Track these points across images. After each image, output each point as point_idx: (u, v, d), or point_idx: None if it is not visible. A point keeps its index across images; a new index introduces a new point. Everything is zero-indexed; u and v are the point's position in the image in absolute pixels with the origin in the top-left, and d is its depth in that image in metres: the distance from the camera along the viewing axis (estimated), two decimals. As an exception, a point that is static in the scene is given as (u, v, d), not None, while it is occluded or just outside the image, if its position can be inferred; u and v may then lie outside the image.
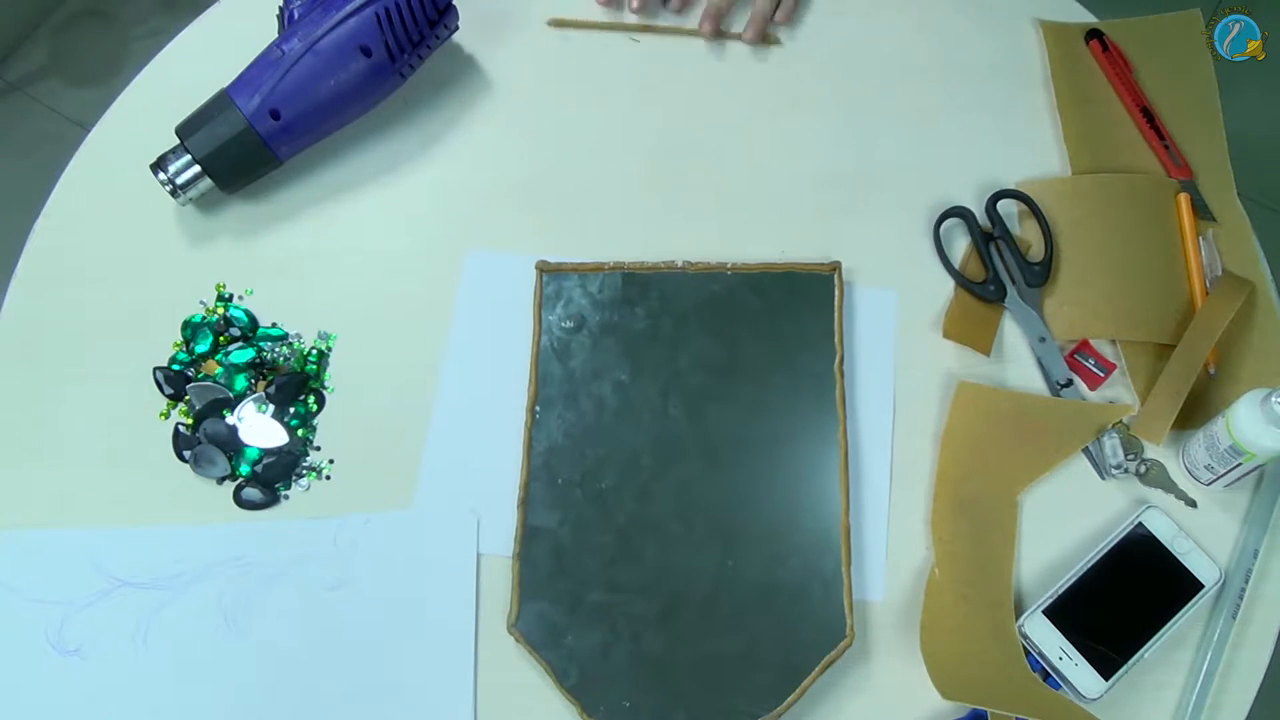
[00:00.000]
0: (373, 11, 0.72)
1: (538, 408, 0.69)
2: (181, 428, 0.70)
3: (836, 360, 0.70)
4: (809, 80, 0.83)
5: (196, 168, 0.73)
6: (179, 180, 0.73)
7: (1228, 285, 0.73)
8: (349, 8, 0.72)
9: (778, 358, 0.70)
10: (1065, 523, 0.68)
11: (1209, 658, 0.63)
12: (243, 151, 0.73)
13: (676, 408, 0.69)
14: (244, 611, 0.65)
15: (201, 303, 0.74)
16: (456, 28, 0.79)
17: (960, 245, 0.77)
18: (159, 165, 0.73)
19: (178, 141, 0.73)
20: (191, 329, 0.73)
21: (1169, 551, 0.66)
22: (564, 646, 0.63)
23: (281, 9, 0.76)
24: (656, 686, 0.62)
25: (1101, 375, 0.72)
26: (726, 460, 0.68)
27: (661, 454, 0.68)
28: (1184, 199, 0.76)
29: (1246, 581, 0.65)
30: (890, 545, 0.67)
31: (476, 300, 0.74)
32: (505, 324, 0.72)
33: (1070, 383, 0.71)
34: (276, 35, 0.74)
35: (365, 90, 0.75)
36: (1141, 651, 0.62)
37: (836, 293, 0.72)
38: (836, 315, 0.71)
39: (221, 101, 0.72)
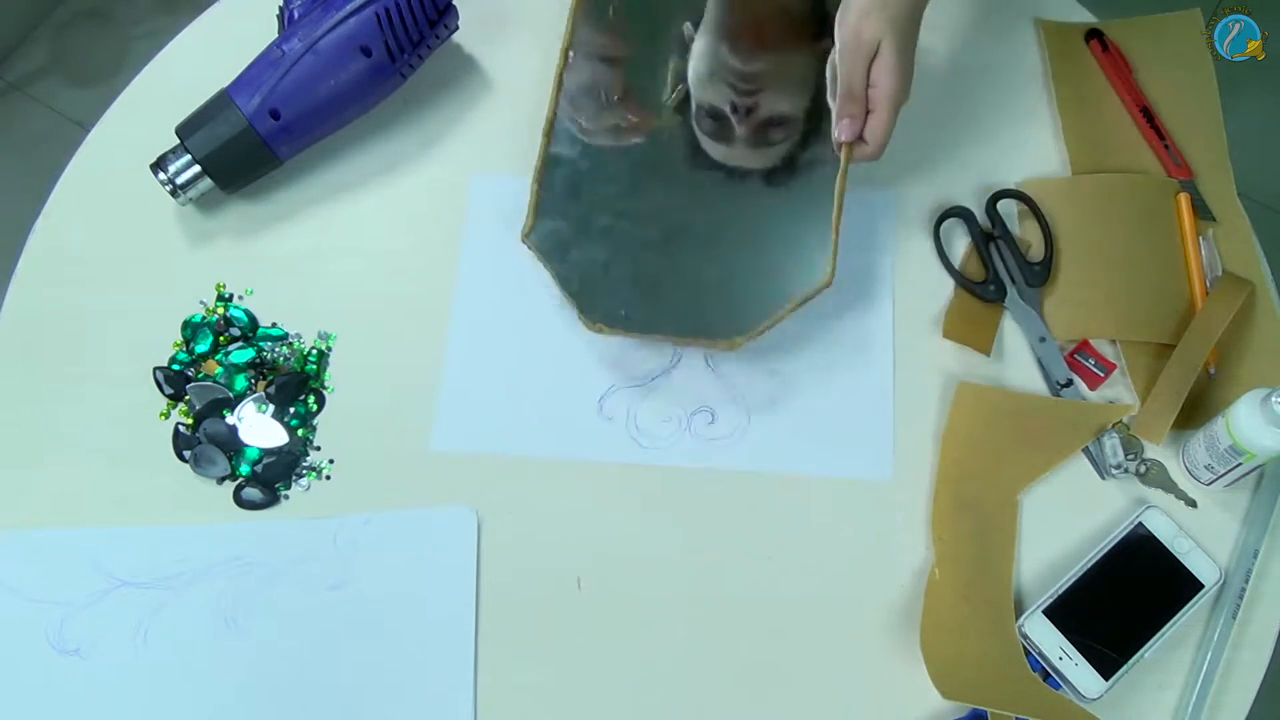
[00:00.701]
0: (373, 11, 0.72)
1: (571, 51, 0.74)
2: (181, 428, 0.70)
3: None
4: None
5: (196, 168, 0.72)
6: (179, 180, 0.73)
7: (1228, 285, 0.73)
8: (349, 7, 0.72)
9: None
10: (1065, 523, 0.68)
11: (1209, 658, 0.63)
12: (243, 151, 0.73)
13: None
14: (244, 611, 0.65)
15: (201, 303, 0.74)
16: (456, 27, 0.79)
17: (960, 245, 0.77)
18: (159, 165, 0.73)
19: (177, 141, 0.73)
20: (191, 329, 0.73)
21: (1169, 551, 0.66)
22: (570, 260, 0.69)
23: (281, 9, 0.76)
24: (649, 301, 0.69)
25: (1101, 375, 0.72)
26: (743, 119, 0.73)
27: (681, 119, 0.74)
28: (1184, 199, 0.76)
29: (1247, 581, 0.65)
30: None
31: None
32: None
33: (1070, 383, 0.71)
34: (276, 35, 0.74)
35: (365, 90, 0.75)
36: (1141, 651, 0.62)
37: None
38: None
39: (221, 101, 0.72)
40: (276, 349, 0.72)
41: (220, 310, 0.73)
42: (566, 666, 0.64)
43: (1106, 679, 0.62)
